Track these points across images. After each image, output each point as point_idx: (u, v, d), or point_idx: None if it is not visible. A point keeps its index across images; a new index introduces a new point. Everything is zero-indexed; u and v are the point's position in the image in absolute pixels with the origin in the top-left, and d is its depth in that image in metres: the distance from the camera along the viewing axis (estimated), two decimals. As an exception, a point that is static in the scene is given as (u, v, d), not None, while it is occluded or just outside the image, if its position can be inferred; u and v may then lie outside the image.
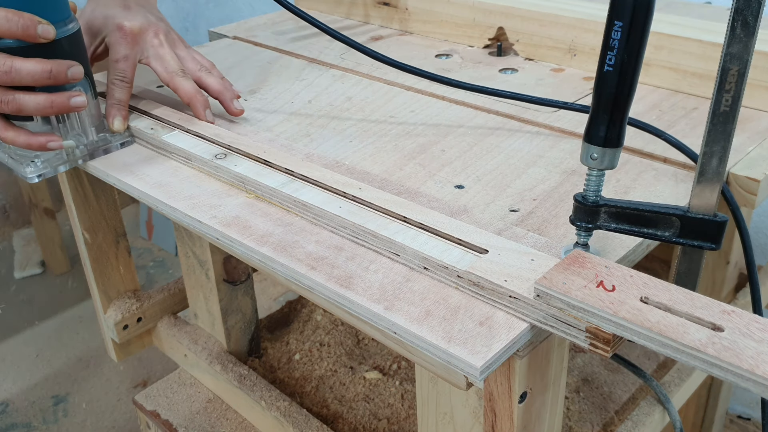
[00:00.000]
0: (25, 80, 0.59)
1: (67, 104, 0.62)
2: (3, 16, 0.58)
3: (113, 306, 0.89)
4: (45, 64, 0.60)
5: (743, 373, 0.36)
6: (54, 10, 0.62)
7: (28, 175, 0.65)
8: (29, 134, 0.63)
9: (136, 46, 0.72)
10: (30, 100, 0.61)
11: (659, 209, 0.47)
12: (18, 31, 0.58)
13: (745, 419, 1.30)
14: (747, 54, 0.41)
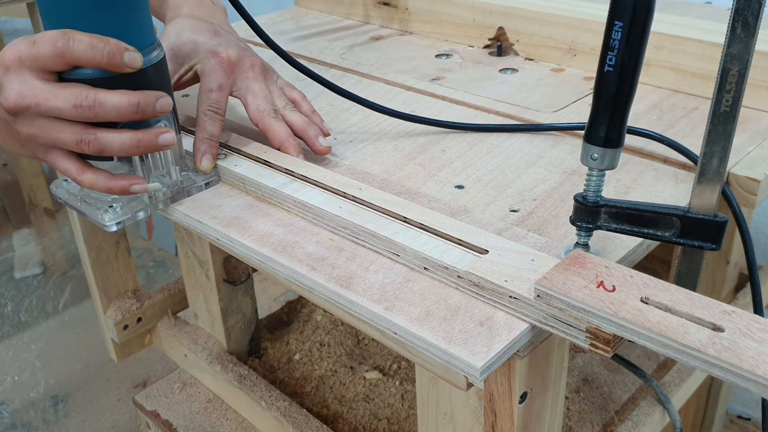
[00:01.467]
0: (109, 115, 0.52)
1: (154, 142, 0.54)
2: (87, 43, 0.50)
3: (113, 306, 0.89)
4: (132, 96, 0.52)
5: (743, 374, 0.36)
6: (140, 35, 0.55)
7: (106, 223, 0.57)
8: (109, 177, 0.55)
9: (231, 75, 0.66)
10: (114, 140, 0.53)
11: (659, 209, 0.47)
12: (103, 59, 0.51)
13: (745, 419, 1.30)
14: (747, 54, 0.41)
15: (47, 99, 0.51)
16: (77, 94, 0.51)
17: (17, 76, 0.51)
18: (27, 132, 0.53)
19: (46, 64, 0.51)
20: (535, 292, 0.43)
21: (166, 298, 0.92)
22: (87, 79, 0.52)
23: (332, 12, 1.13)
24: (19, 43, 0.52)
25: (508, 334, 0.44)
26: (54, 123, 0.52)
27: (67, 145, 0.53)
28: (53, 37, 0.50)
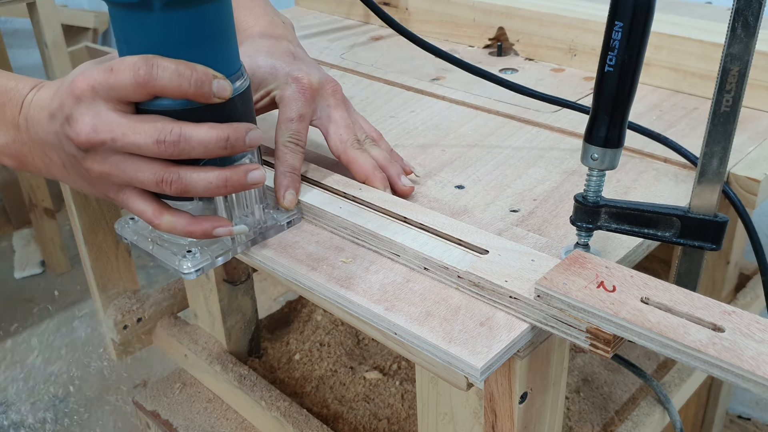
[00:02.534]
0: (195, 152, 0.46)
1: (243, 181, 0.48)
2: (173, 70, 0.44)
3: (113, 306, 0.89)
4: (220, 130, 0.46)
5: (744, 374, 0.36)
6: (227, 60, 0.49)
7: (184, 271, 0.51)
8: (190, 219, 0.49)
9: (313, 104, 0.59)
10: (199, 179, 0.47)
11: (660, 209, 0.47)
12: (190, 88, 0.45)
13: (745, 419, 1.30)
14: (748, 54, 0.41)
15: (125, 134, 0.45)
16: (160, 128, 0.45)
17: (90, 107, 0.45)
18: (99, 169, 0.47)
19: (124, 95, 0.45)
20: (535, 293, 0.43)
21: (166, 298, 0.92)
22: (168, 110, 0.46)
23: (333, 12, 1.13)
24: (91, 70, 0.46)
25: (508, 334, 0.44)
26: (131, 160, 0.46)
27: (146, 184, 0.47)
28: (134, 64, 0.44)
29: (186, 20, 0.45)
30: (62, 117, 0.47)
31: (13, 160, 0.52)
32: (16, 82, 0.51)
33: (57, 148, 0.49)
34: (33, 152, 0.51)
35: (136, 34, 0.46)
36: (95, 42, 2.53)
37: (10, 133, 0.51)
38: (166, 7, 0.44)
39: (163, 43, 0.46)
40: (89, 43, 2.30)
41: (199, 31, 0.46)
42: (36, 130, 0.49)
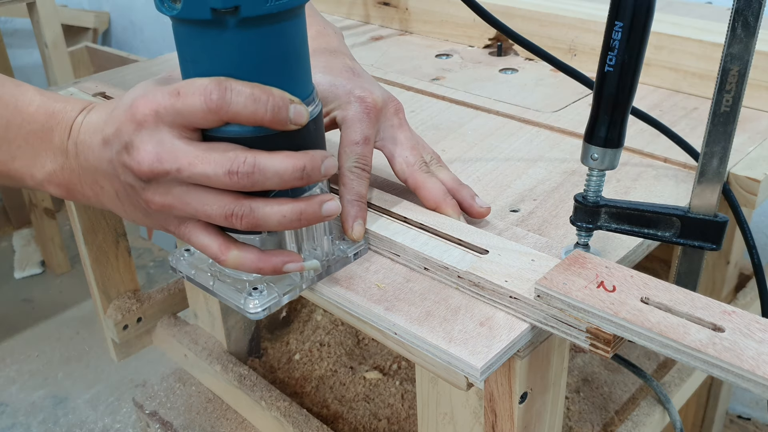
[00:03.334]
0: (270, 183, 0.42)
1: (318, 214, 0.44)
2: (248, 95, 0.40)
3: (113, 306, 0.89)
4: (296, 159, 0.42)
5: (744, 374, 0.36)
6: (302, 82, 0.45)
7: (251, 311, 0.47)
8: (259, 254, 0.45)
9: (377, 124, 0.55)
10: (273, 213, 0.43)
11: (660, 209, 0.47)
12: (266, 115, 0.41)
13: (745, 419, 1.30)
14: (747, 54, 0.41)
15: (192, 164, 0.41)
16: (232, 158, 0.41)
17: (153, 134, 0.42)
18: (161, 202, 0.43)
19: (192, 121, 0.41)
20: (535, 293, 0.43)
21: (166, 298, 0.92)
22: (239, 137, 0.42)
23: (333, 12, 1.13)
24: (154, 93, 0.42)
25: (508, 334, 0.44)
26: (197, 192, 0.42)
27: (213, 218, 0.43)
28: (205, 87, 0.40)
29: (262, 39, 0.41)
30: (119, 144, 0.43)
31: (61, 188, 0.48)
32: (64, 104, 0.48)
33: (110, 177, 0.45)
34: (82, 180, 0.47)
35: (206, 53, 0.42)
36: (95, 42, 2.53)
37: (58, 160, 0.47)
38: (241, 24, 0.40)
39: (235, 64, 0.42)
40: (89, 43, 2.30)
41: (275, 50, 0.42)
42: (86, 157, 0.46)
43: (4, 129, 0.47)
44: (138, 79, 0.87)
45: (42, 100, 0.48)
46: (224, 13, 0.39)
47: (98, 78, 0.88)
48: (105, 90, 0.82)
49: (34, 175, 0.48)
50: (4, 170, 0.48)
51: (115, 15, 2.54)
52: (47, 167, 0.48)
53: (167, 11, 0.41)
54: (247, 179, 0.41)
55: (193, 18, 0.40)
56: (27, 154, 0.48)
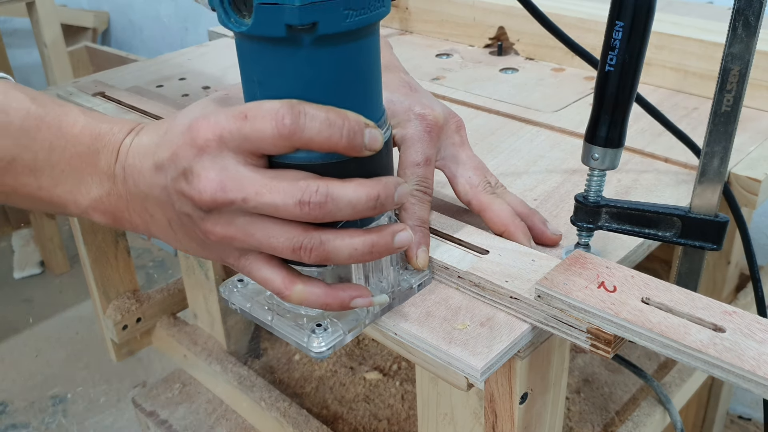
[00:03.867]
0: (342, 213, 0.38)
1: (390, 246, 0.41)
2: (323, 120, 0.37)
3: (113, 306, 0.89)
4: (370, 188, 0.39)
5: (745, 374, 0.36)
6: (375, 104, 0.42)
7: (314, 350, 0.43)
8: (325, 288, 0.41)
9: (438, 143, 0.52)
10: (344, 246, 0.39)
11: (660, 209, 0.47)
12: (341, 141, 0.38)
13: (745, 419, 1.30)
14: (748, 54, 0.41)
15: (259, 193, 0.38)
16: (303, 187, 0.37)
17: (216, 160, 0.38)
18: (222, 233, 0.40)
19: (260, 147, 0.38)
20: (535, 293, 0.43)
21: (166, 298, 0.92)
22: (308, 164, 0.39)
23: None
24: (217, 116, 0.39)
25: (508, 334, 0.44)
26: (262, 223, 0.39)
27: (279, 251, 0.39)
28: (276, 111, 0.37)
29: (337, 58, 0.38)
30: (176, 170, 0.39)
31: (106, 216, 0.45)
32: (110, 125, 0.45)
33: (163, 205, 0.42)
34: (130, 207, 0.44)
35: (276, 73, 0.38)
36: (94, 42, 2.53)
37: (104, 185, 0.44)
38: (317, 42, 0.37)
39: (307, 85, 0.38)
40: (88, 43, 2.30)
41: (350, 70, 0.39)
42: (136, 182, 0.42)
43: (47, 152, 0.44)
44: (137, 79, 0.87)
45: (87, 121, 0.45)
46: (300, 30, 0.36)
47: (98, 78, 0.88)
48: (104, 90, 0.82)
49: (78, 201, 0.44)
50: (46, 196, 0.45)
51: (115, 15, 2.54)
52: (92, 193, 0.44)
53: (234, 27, 0.37)
54: (319, 210, 0.37)
55: (265, 35, 0.37)
56: (71, 179, 0.44)
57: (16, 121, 0.43)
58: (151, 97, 0.80)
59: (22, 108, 0.44)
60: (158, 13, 2.28)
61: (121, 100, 0.79)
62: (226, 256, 0.42)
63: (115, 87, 0.84)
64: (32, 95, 0.45)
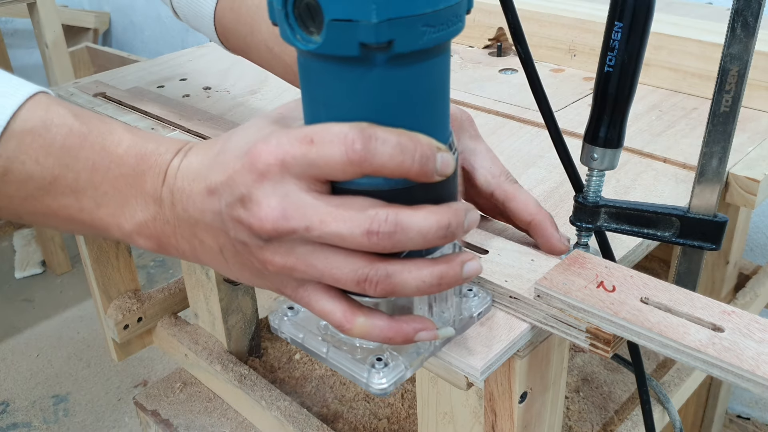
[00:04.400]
0: (412, 243, 0.35)
1: (459, 276, 0.38)
2: (395, 144, 0.34)
3: (114, 306, 0.89)
4: (440, 215, 0.36)
5: (744, 374, 0.36)
6: (444, 125, 0.39)
7: (376, 387, 0.41)
8: (389, 322, 0.38)
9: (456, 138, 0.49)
10: (411, 278, 0.36)
11: (659, 209, 0.47)
12: (413, 166, 0.35)
13: (744, 419, 1.30)
14: (747, 54, 0.41)
15: (324, 221, 0.35)
16: (371, 215, 0.35)
17: (277, 186, 0.36)
18: (281, 263, 0.37)
19: (327, 173, 0.35)
20: (535, 293, 0.43)
21: (167, 297, 0.92)
22: (375, 191, 0.36)
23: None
24: (279, 138, 0.36)
25: (508, 334, 0.44)
26: (324, 252, 0.36)
27: (341, 282, 0.37)
28: (346, 135, 0.34)
29: (410, 78, 0.35)
30: (232, 195, 0.37)
31: (151, 241, 0.42)
32: (157, 144, 0.42)
33: (215, 231, 0.39)
34: (178, 232, 0.41)
35: (344, 94, 0.35)
36: (95, 42, 2.53)
37: (150, 209, 0.41)
38: (391, 61, 0.34)
39: (377, 107, 0.35)
40: (89, 44, 2.31)
41: (422, 90, 0.36)
42: (185, 207, 0.40)
43: (90, 172, 0.41)
44: (138, 80, 0.87)
45: (132, 140, 0.42)
46: (375, 49, 0.33)
47: (98, 78, 0.88)
48: (105, 90, 0.82)
49: (122, 225, 0.42)
50: (88, 219, 0.42)
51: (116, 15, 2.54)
52: (137, 217, 0.42)
53: (301, 45, 0.34)
54: (388, 240, 0.35)
55: (335, 54, 0.34)
56: (114, 201, 0.42)
57: (58, 138, 0.41)
58: (151, 97, 0.81)
59: (64, 125, 0.41)
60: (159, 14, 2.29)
61: (122, 100, 0.79)
62: (283, 286, 0.40)
63: (115, 87, 0.84)
64: (75, 111, 0.42)
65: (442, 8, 0.34)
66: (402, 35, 0.33)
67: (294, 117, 0.40)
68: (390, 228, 0.35)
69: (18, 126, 0.40)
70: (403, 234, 0.35)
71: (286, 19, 0.34)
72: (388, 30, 0.32)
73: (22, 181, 0.41)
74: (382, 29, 0.32)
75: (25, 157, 0.40)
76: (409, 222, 0.35)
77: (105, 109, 0.77)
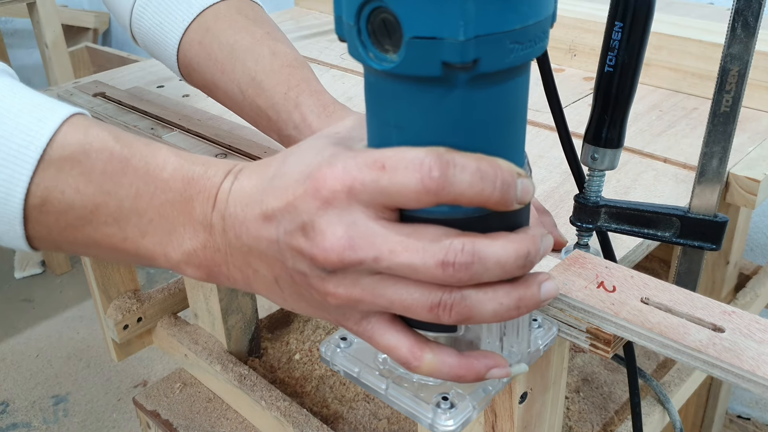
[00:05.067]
0: (489, 274, 0.33)
1: (537, 299, 0.35)
2: (475, 170, 0.32)
3: (113, 306, 0.89)
4: (518, 243, 0.33)
5: (744, 374, 0.36)
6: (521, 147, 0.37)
7: (441, 429, 0.38)
8: (459, 358, 0.36)
9: None
10: (488, 301, 0.34)
11: (659, 210, 0.47)
12: (493, 194, 0.32)
13: (744, 419, 1.30)
14: (747, 54, 0.41)
15: (394, 252, 0.33)
16: (446, 246, 0.32)
17: (343, 214, 0.33)
18: (345, 295, 0.35)
19: (400, 201, 0.33)
20: (535, 293, 0.43)
21: (167, 297, 0.92)
22: (449, 219, 0.33)
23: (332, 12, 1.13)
24: (346, 163, 0.33)
25: (508, 334, 0.44)
26: (393, 282, 0.34)
27: (412, 310, 0.34)
28: (422, 162, 0.32)
29: (493, 98, 0.33)
30: (292, 223, 0.34)
31: (201, 270, 0.40)
32: (205, 167, 0.39)
33: (270, 260, 0.37)
34: (229, 261, 0.39)
35: (420, 116, 0.33)
36: (95, 42, 2.53)
37: (200, 237, 0.38)
38: (473, 81, 0.31)
39: (455, 130, 0.33)
40: (89, 43, 2.31)
41: (504, 112, 0.34)
42: (237, 234, 0.37)
43: (133, 199, 0.39)
44: (137, 79, 0.87)
45: (178, 163, 0.39)
46: (458, 69, 0.30)
47: (98, 78, 0.88)
48: (105, 90, 0.82)
49: (169, 254, 0.39)
50: (132, 249, 0.40)
51: (115, 15, 2.54)
52: (186, 245, 0.39)
53: (375, 64, 0.32)
54: (464, 271, 0.32)
55: (415, 74, 0.31)
56: (160, 229, 0.39)
57: (99, 164, 0.38)
58: (151, 97, 0.80)
59: (105, 149, 0.39)
60: (158, 13, 2.28)
61: (122, 100, 0.79)
62: (345, 319, 0.37)
63: (115, 87, 0.84)
64: (115, 133, 0.40)
65: (531, 24, 0.31)
66: (488, 53, 0.30)
67: (354, 138, 0.38)
68: (467, 258, 0.32)
69: (56, 153, 0.38)
70: (480, 265, 0.33)
71: (358, 35, 0.32)
72: (475, 48, 0.30)
73: (62, 212, 0.39)
74: (468, 47, 0.30)
75: (64, 186, 0.38)
76: (486, 252, 0.33)
77: (105, 109, 0.77)
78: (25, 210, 0.38)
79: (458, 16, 0.29)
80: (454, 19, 0.29)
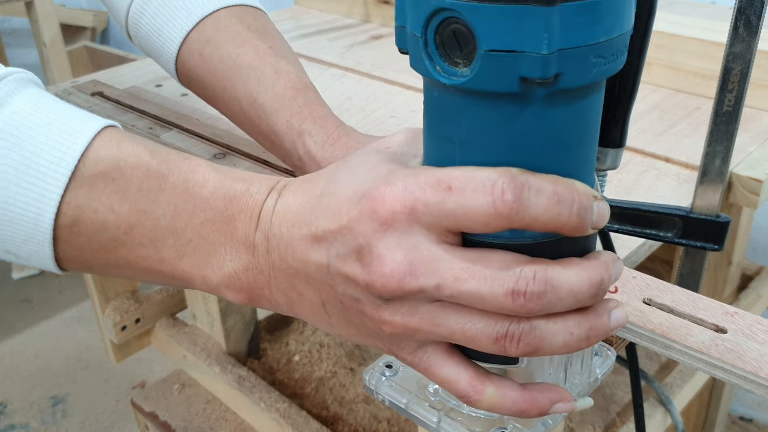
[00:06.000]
0: (562, 304, 0.31)
1: (607, 328, 0.32)
2: (551, 194, 0.30)
3: (112, 307, 0.88)
4: (591, 270, 0.31)
5: (746, 375, 0.35)
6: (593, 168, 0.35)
7: None
8: (521, 392, 0.33)
9: None
10: (558, 331, 0.31)
11: (661, 210, 0.46)
12: (570, 219, 0.30)
13: (747, 420, 1.30)
14: (750, 54, 0.41)
15: (459, 279, 0.30)
16: (516, 274, 0.30)
17: (404, 237, 0.31)
18: (402, 324, 0.32)
19: (466, 225, 0.30)
20: (536, 294, 0.43)
21: (165, 299, 0.92)
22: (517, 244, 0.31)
23: (332, 11, 1.13)
24: (406, 182, 0.31)
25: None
26: (455, 310, 0.32)
27: (476, 341, 0.32)
28: (494, 183, 0.29)
29: (570, 116, 0.31)
30: (345, 246, 0.32)
31: (242, 294, 0.37)
32: (247, 184, 0.37)
33: (318, 284, 0.34)
34: (273, 283, 0.36)
35: (489, 134, 0.30)
36: (93, 41, 2.53)
37: (242, 258, 0.36)
38: (551, 98, 0.29)
39: (528, 150, 0.30)
40: (88, 43, 2.30)
41: (580, 130, 0.32)
42: (282, 255, 0.35)
43: (171, 218, 0.36)
44: (136, 79, 0.87)
45: (218, 179, 0.37)
46: (538, 84, 0.28)
47: (96, 77, 0.88)
48: (103, 90, 0.82)
49: (208, 277, 0.37)
50: (169, 271, 0.37)
51: (115, 15, 2.54)
52: (227, 267, 0.36)
53: (444, 78, 0.30)
54: (536, 301, 0.30)
55: (489, 90, 0.29)
56: (199, 250, 0.37)
57: (134, 181, 0.36)
58: (149, 97, 0.80)
59: (140, 165, 0.37)
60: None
61: (120, 99, 0.79)
62: (399, 349, 0.34)
63: (113, 87, 0.83)
64: (150, 148, 0.38)
65: (615, 36, 0.29)
66: (571, 68, 0.28)
67: (407, 153, 0.36)
68: (539, 288, 0.30)
69: (88, 170, 0.36)
70: (553, 294, 0.30)
71: (424, 47, 0.29)
72: (558, 62, 0.28)
73: (95, 232, 0.36)
74: (550, 62, 0.27)
75: (97, 204, 0.36)
76: (560, 280, 0.30)
77: (103, 109, 0.76)
78: (55, 230, 0.36)
79: (542, 28, 0.27)
80: (537, 32, 0.27)
